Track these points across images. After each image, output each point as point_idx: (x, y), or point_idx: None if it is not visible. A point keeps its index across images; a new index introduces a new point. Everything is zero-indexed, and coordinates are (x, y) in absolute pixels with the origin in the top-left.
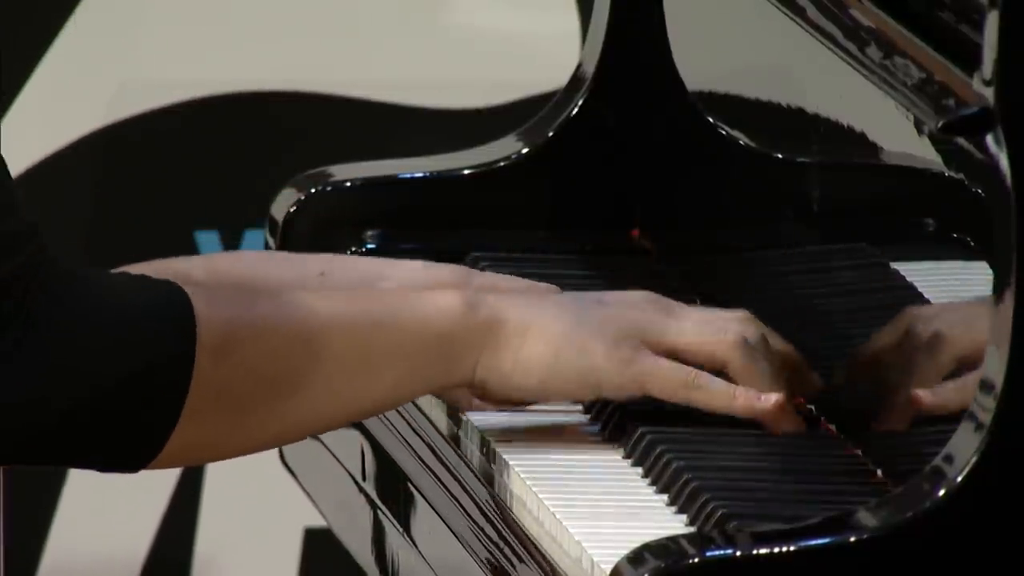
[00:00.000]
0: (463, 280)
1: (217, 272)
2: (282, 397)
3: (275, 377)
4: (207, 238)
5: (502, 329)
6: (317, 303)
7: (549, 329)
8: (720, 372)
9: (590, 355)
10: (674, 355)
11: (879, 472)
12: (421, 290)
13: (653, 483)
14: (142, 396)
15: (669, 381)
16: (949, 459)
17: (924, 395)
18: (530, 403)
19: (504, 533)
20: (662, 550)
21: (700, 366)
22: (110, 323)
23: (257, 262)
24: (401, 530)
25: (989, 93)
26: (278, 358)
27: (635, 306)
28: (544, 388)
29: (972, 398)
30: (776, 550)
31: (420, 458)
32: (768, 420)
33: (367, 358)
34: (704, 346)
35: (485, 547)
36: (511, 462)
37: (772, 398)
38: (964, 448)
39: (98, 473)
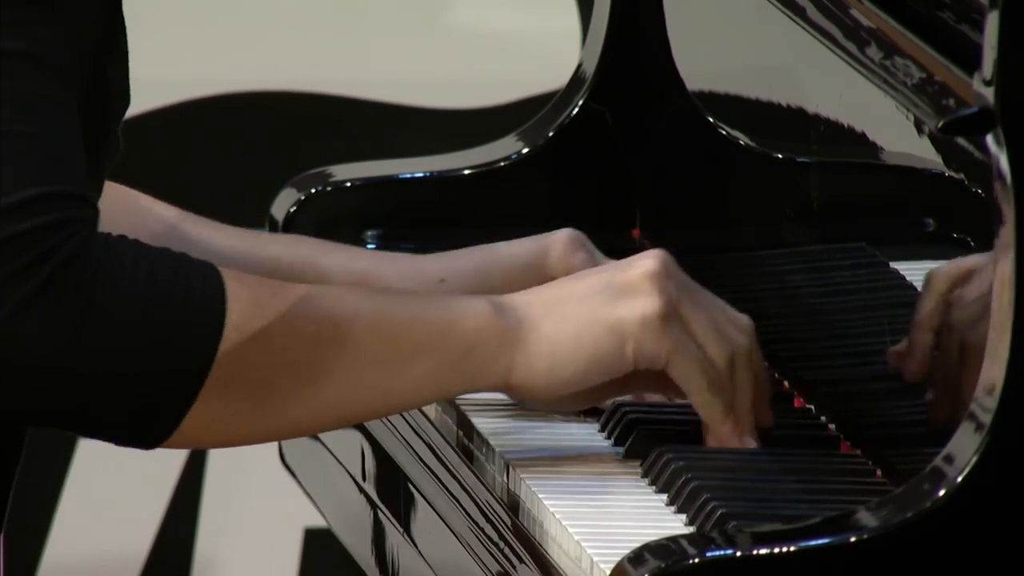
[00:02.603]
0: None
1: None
2: (305, 383)
3: (299, 362)
4: None
5: (533, 328)
6: (348, 294)
7: (579, 312)
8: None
9: (620, 334)
10: None
11: (879, 472)
12: (450, 294)
13: (653, 483)
14: (165, 366)
15: (695, 371)
16: (949, 459)
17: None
18: (569, 391)
19: (504, 533)
20: (662, 550)
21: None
22: (140, 295)
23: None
24: (401, 530)
25: (989, 93)
26: (304, 344)
27: (660, 280)
28: (587, 374)
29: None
30: (776, 550)
31: (420, 458)
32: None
33: (393, 352)
34: (712, 347)
35: (485, 547)
36: (511, 462)
37: (749, 444)
38: (964, 448)
39: (99, 473)
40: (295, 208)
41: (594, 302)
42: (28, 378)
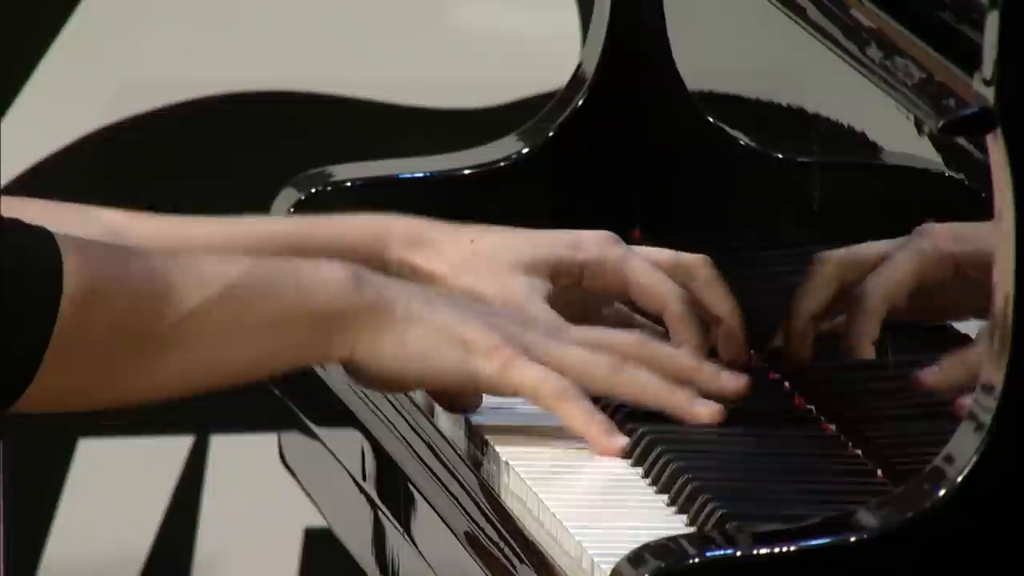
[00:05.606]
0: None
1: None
2: (147, 356)
3: (140, 335)
4: None
5: (387, 313)
6: (200, 264)
7: (435, 319)
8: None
9: (471, 349)
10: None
11: (879, 472)
12: (312, 261)
13: (653, 483)
14: (3, 340)
15: (542, 387)
16: (949, 459)
17: (925, 376)
18: (405, 390)
19: (504, 533)
20: (662, 550)
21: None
22: None
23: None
24: (401, 530)
25: (989, 93)
26: (144, 316)
27: (525, 323)
28: (421, 377)
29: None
30: (776, 550)
31: (420, 458)
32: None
33: (239, 325)
34: (577, 378)
35: (485, 547)
36: (511, 462)
37: (619, 442)
38: (964, 448)
39: (99, 473)
40: (295, 208)
41: (455, 314)
42: None
